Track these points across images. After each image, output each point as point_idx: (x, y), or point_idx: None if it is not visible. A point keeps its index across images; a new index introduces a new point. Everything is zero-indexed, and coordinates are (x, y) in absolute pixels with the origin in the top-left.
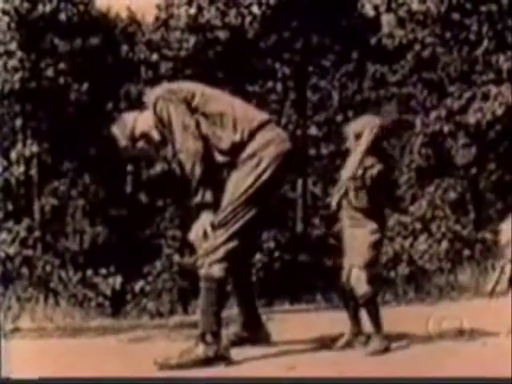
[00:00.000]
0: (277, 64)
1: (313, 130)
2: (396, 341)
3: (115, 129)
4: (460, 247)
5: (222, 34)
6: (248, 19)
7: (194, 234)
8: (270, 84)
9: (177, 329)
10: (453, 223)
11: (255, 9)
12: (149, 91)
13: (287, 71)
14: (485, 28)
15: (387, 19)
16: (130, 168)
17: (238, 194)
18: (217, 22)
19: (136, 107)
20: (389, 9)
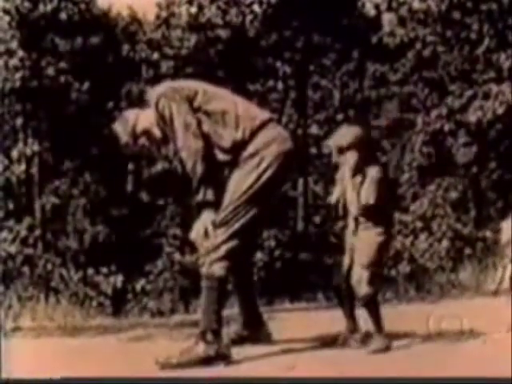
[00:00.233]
0: (278, 63)
1: (314, 129)
2: (397, 340)
3: (117, 125)
4: (461, 245)
5: (223, 33)
6: (249, 18)
7: (195, 233)
8: (271, 83)
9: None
10: (454, 222)
11: (256, 7)
12: (151, 89)
13: (288, 70)
14: (485, 27)
15: (388, 18)
16: (131, 167)
17: (240, 193)
18: (218, 21)
19: (137, 106)
20: (389, 8)
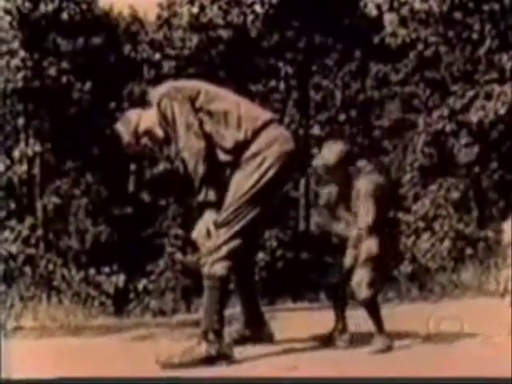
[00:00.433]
0: (279, 63)
1: (315, 129)
2: (398, 339)
3: (119, 126)
4: (463, 246)
5: (225, 33)
6: (250, 18)
7: (197, 233)
8: (273, 83)
9: (180, 327)
10: (455, 222)
11: (258, 8)
12: (153, 89)
13: (290, 70)
14: (487, 27)
15: (390, 18)
16: (133, 167)
17: (241, 193)
18: (219, 21)
19: (139, 106)
20: (391, 8)
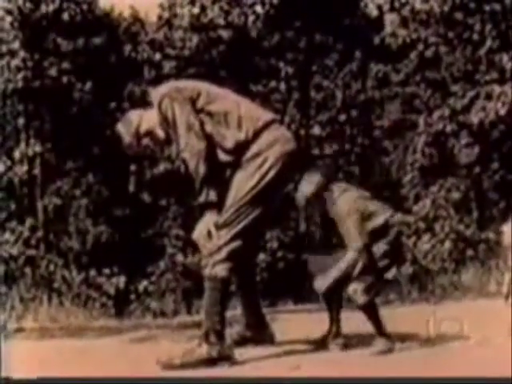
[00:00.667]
0: (280, 63)
1: (316, 130)
2: (399, 341)
3: (120, 126)
4: (463, 247)
5: (225, 34)
6: (251, 18)
7: (198, 234)
8: (274, 83)
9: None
10: (456, 223)
11: (258, 8)
12: (154, 89)
13: (290, 70)
14: (488, 27)
15: (390, 19)
16: (134, 168)
17: (242, 194)
18: (220, 22)
19: (139, 107)
20: (392, 8)
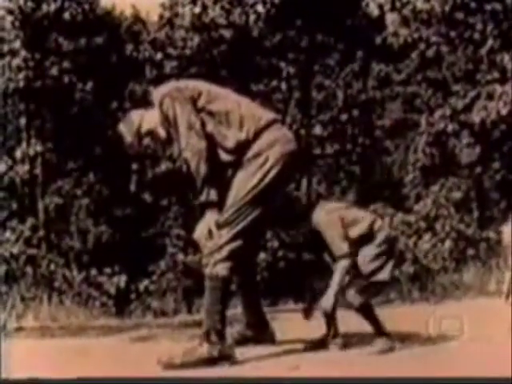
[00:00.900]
0: (281, 63)
1: (317, 130)
2: (398, 340)
3: (122, 126)
4: (464, 246)
5: (227, 33)
6: (252, 18)
7: (199, 233)
8: (275, 83)
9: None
10: (457, 222)
11: (260, 7)
12: (155, 89)
13: (292, 70)
14: (489, 27)
15: (392, 18)
16: (135, 167)
17: (243, 193)
18: (221, 21)
19: (140, 106)
20: (393, 8)
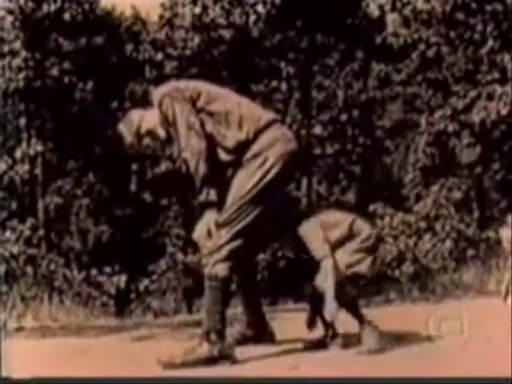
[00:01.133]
0: (281, 63)
1: (317, 130)
2: (399, 340)
3: (121, 126)
4: (464, 246)
5: (227, 33)
6: (253, 18)
7: (199, 233)
8: (275, 83)
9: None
10: (457, 222)
11: (260, 8)
12: (155, 89)
13: (292, 70)
14: (490, 27)
15: (392, 18)
16: (135, 167)
17: (243, 193)
18: (221, 21)
19: (140, 106)
20: (393, 8)
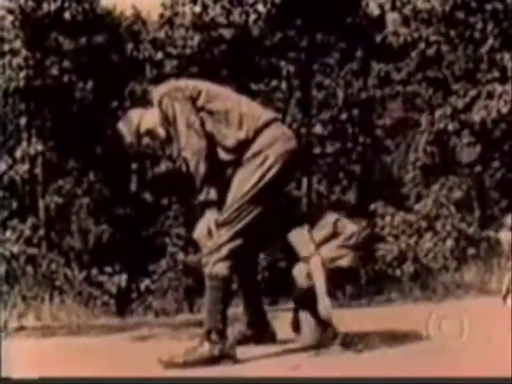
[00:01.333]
0: (281, 62)
1: (318, 129)
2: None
3: (121, 125)
4: (465, 245)
5: (227, 32)
6: (253, 17)
7: (199, 232)
8: (275, 82)
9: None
10: (458, 221)
11: (260, 7)
12: (155, 88)
13: (292, 69)
14: (489, 26)
15: (392, 17)
16: (135, 166)
17: (243, 192)
18: (221, 20)
19: (140, 105)
20: (393, 7)
